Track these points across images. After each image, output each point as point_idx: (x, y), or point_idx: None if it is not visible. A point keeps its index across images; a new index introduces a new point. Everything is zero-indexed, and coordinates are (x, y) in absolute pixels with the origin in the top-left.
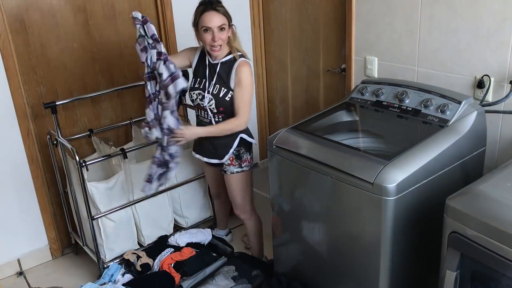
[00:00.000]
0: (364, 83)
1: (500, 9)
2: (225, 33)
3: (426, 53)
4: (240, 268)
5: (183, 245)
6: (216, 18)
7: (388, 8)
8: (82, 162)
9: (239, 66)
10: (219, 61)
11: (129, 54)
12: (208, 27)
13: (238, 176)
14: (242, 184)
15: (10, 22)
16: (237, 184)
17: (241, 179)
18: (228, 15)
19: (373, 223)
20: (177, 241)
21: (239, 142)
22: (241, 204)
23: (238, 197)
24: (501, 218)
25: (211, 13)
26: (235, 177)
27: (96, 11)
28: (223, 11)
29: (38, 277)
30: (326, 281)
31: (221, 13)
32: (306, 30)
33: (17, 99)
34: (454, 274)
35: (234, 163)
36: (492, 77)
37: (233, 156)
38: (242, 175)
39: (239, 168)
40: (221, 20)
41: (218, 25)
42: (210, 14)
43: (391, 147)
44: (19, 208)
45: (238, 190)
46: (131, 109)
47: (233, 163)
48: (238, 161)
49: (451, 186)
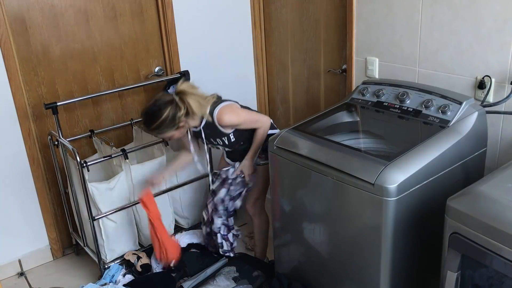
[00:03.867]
0: (365, 83)
1: (501, 9)
2: (175, 135)
3: (427, 54)
4: (241, 269)
5: (184, 246)
6: (157, 136)
7: (389, 8)
8: (83, 162)
9: (219, 121)
10: (200, 127)
11: (130, 54)
12: None
13: (264, 168)
14: (265, 175)
15: (11, 22)
16: (261, 175)
17: (265, 171)
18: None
19: (374, 224)
20: (177, 241)
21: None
22: (256, 197)
23: (256, 190)
24: (502, 219)
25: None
26: (260, 168)
27: (97, 12)
28: (158, 132)
29: (39, 277)
30: (327, 282)
31: (158, 134)
32: (307, 31)
33: (18, 100)
34: (455, 275)
35: (261, 155)
36: (493, 77)
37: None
38: (267, 167)
39: (265, 161)
40: (163, 136)
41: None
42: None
43: (392, 148)
44: (20, 209)
45: (260, 181)
46: (131, 110)
47: (260, 156)
48: (265, 153)
49: (452, 186)
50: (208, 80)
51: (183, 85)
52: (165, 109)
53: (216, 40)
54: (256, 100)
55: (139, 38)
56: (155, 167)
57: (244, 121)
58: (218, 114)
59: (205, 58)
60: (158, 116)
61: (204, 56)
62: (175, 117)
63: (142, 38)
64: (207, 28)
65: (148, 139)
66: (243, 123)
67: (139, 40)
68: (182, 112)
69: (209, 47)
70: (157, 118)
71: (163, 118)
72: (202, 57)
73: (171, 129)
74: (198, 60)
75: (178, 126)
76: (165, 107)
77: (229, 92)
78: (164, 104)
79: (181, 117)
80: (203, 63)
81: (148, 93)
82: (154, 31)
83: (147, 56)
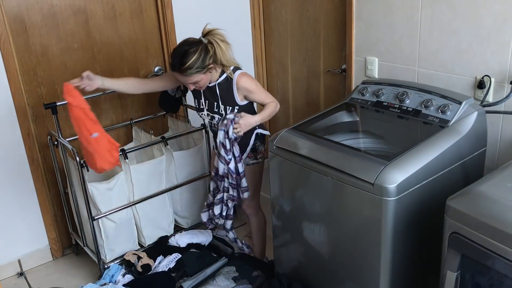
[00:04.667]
0: (365, 83)
1: (500, 9)
2: (203, 80)
3: (426, 54)
4: (241, 268)
5: (183, 246)
6: (185, 80)
7: (388, 8)
8: (82, 162)
9: (238, 82)
10: (215, 83)
11: (130, 54)
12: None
13: (253, 168)
14: (255, 175)
15: (10, 22)
16: (251, 177)
17: (255, 171)
18: (200, 68)
19: (374, 224)
20: (177, 241)
21: (255, 137)
22: (250, 198)
23: (251, 188)
24: (501, 218)
25: (178, 75)
26: (250, 169)
27: (96, 12)
28: (190, 72)
29: (39, 277)
30: (327, 282)
31: (187, 74)
32: (306, 31)
33: (17, 100)
34: (454, 274)
35: (250, 155)
36: (492, 77)
37: (250, 150)
38: (257, 167)
39: (254, 160)
40: (191, 79)
41: (189, 83)
42: (178, 75)
43: (392, 148)
44: (20, 209)
45: (251, 181)
46: (131, 110)
47: (249, 155)
48: (254, 153)
49: (451, 186)
50: None
51: (210, 27)
52: (196, 49)
53: None
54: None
55: (138, 38)
56: (155, 167)
57: (259, 91)
58: (238, 75)
59: None
60: (191, 54)
61: None
62: (206, 57)
63: (142, 38)
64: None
65: (147, 139)
66: (257, 92)
67: (139, 40)
68: (211, 53)
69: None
70: (190, 56)
71: (196, 57)
72: None
73: (201, 71)
74: None
75: (207, 68)
76: (195, 46)
77: None
78: (194, 43)
79: (210, 59)
80: None
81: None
82: (153, 31)
83: (146, 56)
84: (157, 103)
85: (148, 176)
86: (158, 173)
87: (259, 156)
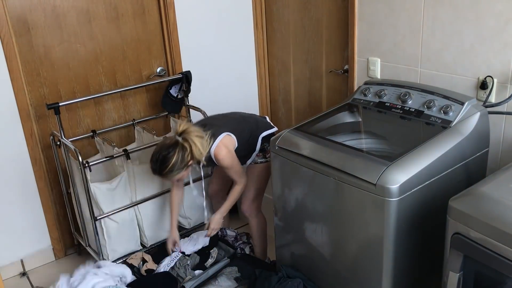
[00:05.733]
0: (367, 84)
1: (503, 10)
2: (184, 175)
3: (429, 54)
4: (243, 269)
5: (189, 253)
6: (168, 179)
7: (391, 9)
8: (85, 163)
9: (215, 156)
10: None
11: (132, 55)
12: None
13: (262, 166)
14: (262, 175)
15: (13, 23)
16: (257, 175)
17: (262, 170)
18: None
19: (376, 224)
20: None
21: (262, 141)
22: (251, 198)
23: (253, 189)
24: (504, 219)
25: (161, 178)
26: (258, 167)
27: (99, 13)
28: (170, 175)
29: (41, 277)
30: (329, 282)
31: (171, 176)
32: (308, 31)
33: (20, 100)
34: (457, 275)
35: (259, 154)
36: (495, 78)
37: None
38: (265, 165)
39: (263, 159)
40: (174, 179)
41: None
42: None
43: (394, 148)
44: (22, 209)
45: (256, 181)
46: (134, 110)
47: (258, 154)
48: (263, 153)
49: (454, 187)
50: (209, 80)
51: (184, 125)
52: (174, 152)
53: (218, 40)
54: (257, 101)
55: (141, 39)
56: None
57: (232, 167)
58: (215, 152)
59: (207, 59)
60: (169, 160)
61: (206, 56)
62: (184, 157)
63: (144, 39)
64: (209, 28)
65: (150, 139)
66: (230, 168)
67: (141, 41)
68: (188, 151)
69: (211, 48)
70: (168, 162)
71: (174, 161)
72: (204, 57)
73: (181, 170)
74: (200, 60)
75: (187, 166)
76: (173, 150)
77: (230, 92)
78: (170, 147)
79: (188, 157)
80: (205, 63)
81: (150, 94)
82: (156, 31)
83: (149, 57)
84: (159, 103)
85: (150, 176)
86: None
87: (268, 155)
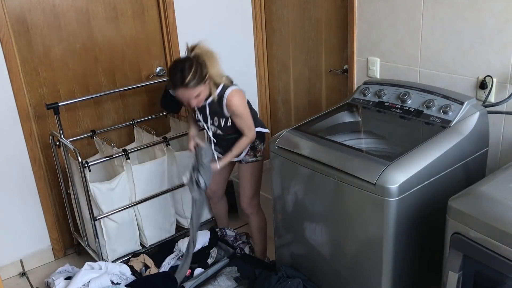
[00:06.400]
0: (366, 84)
1: (503, 10)
2: (202, 94)
3: (428, 54)
4: (242, 269)
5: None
6: (188, 94)
7: (390, 9)
8: (84, 162)
9: (227, 100)
10: (206, 103)
11: (131, 55)
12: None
13: (253, 166)
14: (255, 174)
15: (12, 23)
16: (250, 174)
17: (254, 169)
18: (200, 79)
19: (376, 224)
20: (180, 249)
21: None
22: (250, 196)
23: (249, 188)
24: (503, 219)
25: (181, 90)
26: (249, 167)
27: (98, 12)
28: (193, 84)
29: (41, 277)
30: (329, 282)
31: (191, 86)
32: (308, 31)
33: (19, 100)
34: (456, 275)
35: (249, 153)
36: (494, 78)
37: (249, 147)
38: (256, 164)
39: (253, 158)
40: (194, 93)
41: (190, 98)
42: (180, 91)
43: (393, 148)
44: (22, 209)
45: (250, 180)
46: (133, 110)
47: (248, 153)
48: (253, 151)
49: (453, 187)
50: None
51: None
52: (191, 62)
53: (217, 40)
54: (257, 101)
55: (140, 39)
56: (157, 167)
57: (244, 117)
58: (228, 94)
59: None
60: (188, 67)
61: None
62: (202, 68)
63: (144, 39)
64: (208, 28)
65: (149, 139)
66: (242, 117)
67: (141, 41)
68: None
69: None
70: (188, 69)
71: (194, 69)
72: None
73: (202, 82)
74: None
75: (206, 79)
76: (190, 61)
77: None
78: (186, 59)
79: (205, 69)
80: None
81: (150, 94)
82: (155, 31)
83: (148, 57)
84: (158, 103)
85: (149, 176)
86: (159, 173)
87: (259, 154)
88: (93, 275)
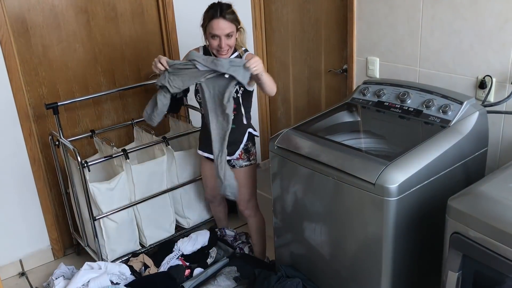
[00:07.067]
0: (366, 83)
1: (502, 10)
2: (233, 39)
3: (428, 54)
4: (242, 269)
5: (187, 253)
6: (224, 26)
7: (390, 8)
8: (84, 162)
9: (248, 54)
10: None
11: (131, 55)
12: (216, 35)
13: (247, 170)
14: (250, 177)
15: (12, 23)
16: (246, 178)
17: (249, 172)
18: (237, 21)
19: (375, 224)
20: (180, 249)
21: (248, 137)
22: (247, 199)
23: (246, 191)
24: (503, 219)
25: (219, 20)
26: (244, 171)
27: (97, 12)
28: (232, 18)
29: (40, 277)
30: (328, 282)
31: (230, 20)
32: (307, 31)
33: (19, 100)
34: (456, 275)
35: (243, 157)
36: (494, 77)
37: (242, 150)
38: (251, 168)
39: (247, 162)
40: (229, 28)
41: (225, 33)
42: (218, 21)
43: (393, 148)
44: (21, 209)
45: (246, 184)
46: (132, 110)
47: (242, 157)
48: (247, 154)
49: (453, 186)
50: None
51: None
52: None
53: None
54: (257, 101)
55: (139, 38)
56: (156, 167)
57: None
58: (249, 53)
59: None
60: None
61: None
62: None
63: (143, 38)
64: None
65: (148, 139)
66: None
67: (140, 40)
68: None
69: None
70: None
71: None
72: None
73: (236, 23)
74: None
75: (238, 28)
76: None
77: None
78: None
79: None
80: None
81: (149, 93)
82: (154, 31)
83: (148, 56)
84: None
85: (149, 176)
86: (159, 173)
87: (252, 158)
88: (92, 275)
